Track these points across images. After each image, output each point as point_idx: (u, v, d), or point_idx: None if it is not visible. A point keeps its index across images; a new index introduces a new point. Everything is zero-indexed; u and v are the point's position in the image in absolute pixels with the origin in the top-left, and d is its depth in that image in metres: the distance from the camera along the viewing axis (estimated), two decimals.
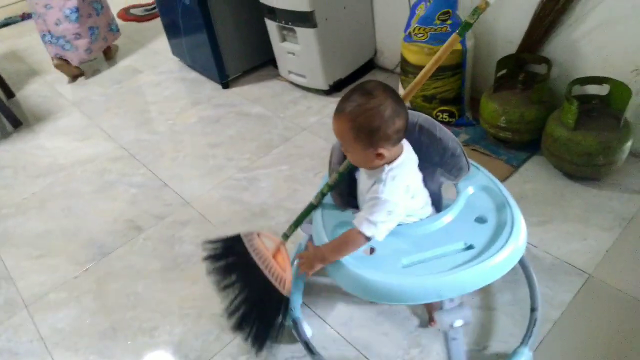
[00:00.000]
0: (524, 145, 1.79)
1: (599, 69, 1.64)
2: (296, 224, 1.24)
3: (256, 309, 1.19)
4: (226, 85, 2.61)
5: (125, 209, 1.89)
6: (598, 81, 1.59)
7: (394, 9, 2.21)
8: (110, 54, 3.10)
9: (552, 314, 1.27)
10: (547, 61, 1.71)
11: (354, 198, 1.18)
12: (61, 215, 1.92)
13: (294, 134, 2.17)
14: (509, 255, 0.97)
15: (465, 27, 1.07)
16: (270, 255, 1.22)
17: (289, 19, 2.18)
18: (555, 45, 1.74)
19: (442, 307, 1.05)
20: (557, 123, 1.60)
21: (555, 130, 1.60)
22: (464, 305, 1.06)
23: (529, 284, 1.32)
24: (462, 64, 1.87)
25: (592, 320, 1.26)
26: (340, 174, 1.13)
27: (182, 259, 1.63)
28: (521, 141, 1.78)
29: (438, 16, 1.78)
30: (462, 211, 1.08)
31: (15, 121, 2.53)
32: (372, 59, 2.49)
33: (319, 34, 2.14)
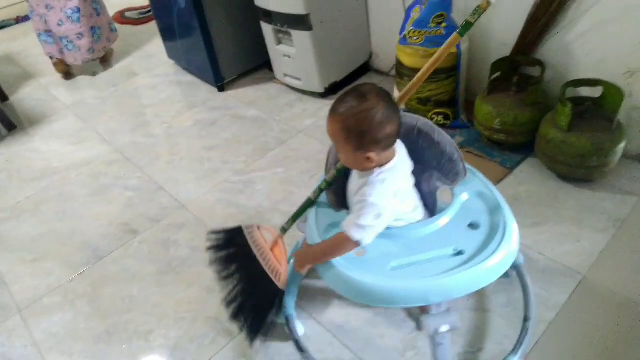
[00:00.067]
0: (518, 147, 1.80)
1: (592, 71, 1.66)
2: (294, 218, 1.26)
3: (252, 300, 1.22)
4: (222, 88, 2.61)
5: (121, 212, 1.89)
6: (591, 83, 1.60)
7: (389, 12, 2.22)
8: (105, 57, 3.09)
9: (547, 315, 1.28)
10: (540, 64, 1.72)
11: None
12: (56, 218, 1.91)
13: (289, 136, 2.17)
14: (497, 263, 0.98)
15: (467, 26, 1.07)
16: (268, 247, 1.24)
17: (285, 22, 2.19)
18: (549, 48, 1.75)
19: (429, 311, 1.06)
20: (551, 125, 1.61)
21: (549, 132, 1.61)
22: (451, 311, 1.06)
23: (524, 293, 1.29)
24: (456, 67, 1.88)
25: (586, 321, 1.27)
26: (337, 170, 1.14)
27: (177, 262, 1.63)
28: (515, 143, 1.79)
29: (433, 19, 1.79)
30: (455, 217, 1.08)
31: (10, 124, 2.52)
32: (367, 62, 2.50)
33: (314, 37, 2.15)
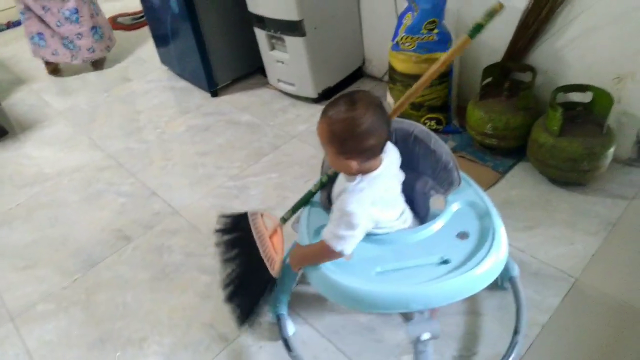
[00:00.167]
0: (510, 151, 1.82)
1: (582, 76, 1.68)
2: (294, 209, 1.27)
3: (246, 284, 1.24)
4: (215, 93, 2.61)
5: (114, 218, 1.87)
6: (581, 89, 1.62)
7: (381, 18, 2.24)
8: (98, 62, 3.08)
9: (540, 318, 1.29)
10: (531, 69, 1.74)
11: None
12: (48, 225, 1.89)
13: (283, 142, 2.17)
14: (481, 274, 0.98)
15: (477, 28, 1.06)
16: (267, 235, 1.26)
17: (278, 28, 2.19)
18: (540, 54, 1.78)
19: (412, 318, 1.08)
20: (542, 129, 1.63)
21: (541, 136, 1.63)
22: (432, 320, 1.07)
23: (517, 306, 1.24)
24: (449, 73, 1.90)
25: (579, 324, 1.28)
26: None
27: (171, 268, 1.62)
28: (507, 148, 1.80)
29: (425, 25, 1.81)
30: (445, 226, 1.09)
31: (1, 130, 2.50)
32: (360, 68, 2.51)
33: (307, 42, 2.16)
